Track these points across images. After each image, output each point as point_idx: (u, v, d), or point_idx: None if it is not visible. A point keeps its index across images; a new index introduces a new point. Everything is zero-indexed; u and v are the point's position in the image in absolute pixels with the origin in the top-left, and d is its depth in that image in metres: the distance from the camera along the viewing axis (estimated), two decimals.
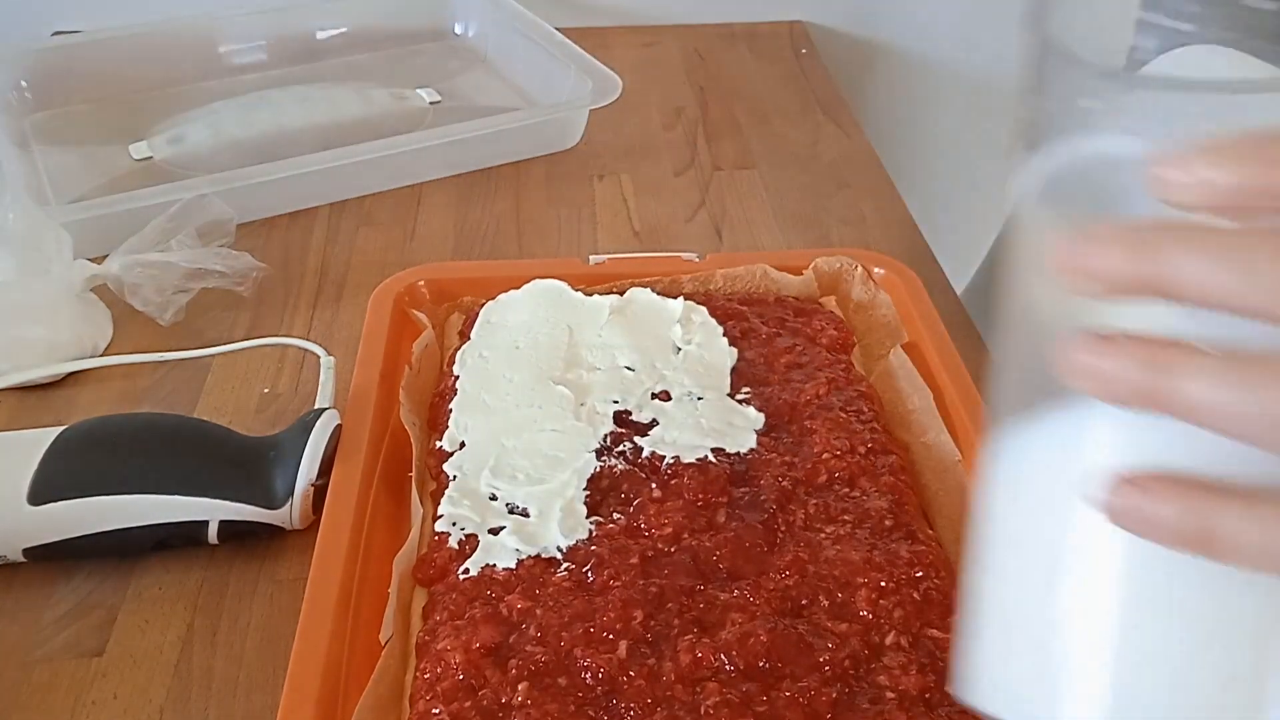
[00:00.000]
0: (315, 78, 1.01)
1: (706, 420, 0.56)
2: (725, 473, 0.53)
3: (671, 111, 1.01)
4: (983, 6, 1.25)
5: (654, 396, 0.58)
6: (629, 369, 0.59)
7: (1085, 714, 0.25)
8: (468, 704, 0.42)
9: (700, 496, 0.51)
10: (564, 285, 0.64)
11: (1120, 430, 0.25)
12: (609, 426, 0.56)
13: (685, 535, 0.50)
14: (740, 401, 0.58)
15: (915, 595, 0.47)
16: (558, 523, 0.50)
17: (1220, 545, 0.23)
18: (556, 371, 0.59)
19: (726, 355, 0.60)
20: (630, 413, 0.57)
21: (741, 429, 0.56)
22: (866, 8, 1.25)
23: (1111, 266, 0.24)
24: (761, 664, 0.44)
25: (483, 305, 0.64)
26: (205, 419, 0.59)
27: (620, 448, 0.55)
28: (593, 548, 0.49)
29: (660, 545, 0.49)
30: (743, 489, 0.53)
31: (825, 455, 0.54)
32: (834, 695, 0.42)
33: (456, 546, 0.49)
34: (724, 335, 0.62)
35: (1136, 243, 0.23)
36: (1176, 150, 0.23)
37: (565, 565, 0.48)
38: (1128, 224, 0.24)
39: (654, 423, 0.56)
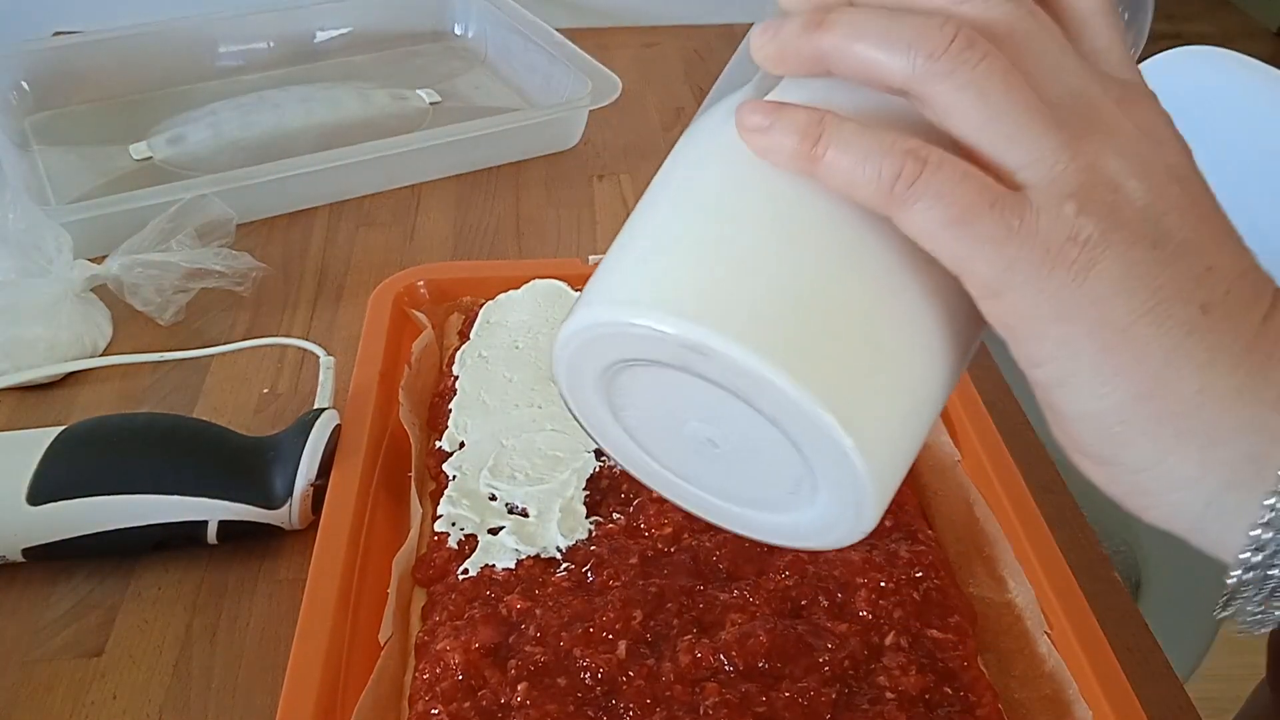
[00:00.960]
0: (315, 78, 1.01)
1: None
2: None
3: (671, 112, 1.01)
4: None
5: None
6: None
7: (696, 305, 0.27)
8: (467, 704, 0.42)
9: None
10: (564, 285, 0.64)
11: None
12: None
13: (685, 535, 0.50)
14: None
15: (915, 595, 0.47)
16: (557, 523, 0.50)
17: (821, 167, 0.27)
18: None
19: None
20: None
21: None
22: None
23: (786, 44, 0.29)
24: (761, 664, 0.44)
25: (482, 305, 0.64)
26: (205, 419, 0.59)
27: None
28: (592, 548, 0.49)
29: (660, 545, 0.49)
30: None
31: None
32: (833, 695, 0.42)
33: (456, 546, 0.49)
34: None
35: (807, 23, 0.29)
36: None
37: (565, 565, 0.48)
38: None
39: None
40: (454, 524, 0.51)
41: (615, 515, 0.51)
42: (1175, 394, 0.27)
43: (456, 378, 0.59)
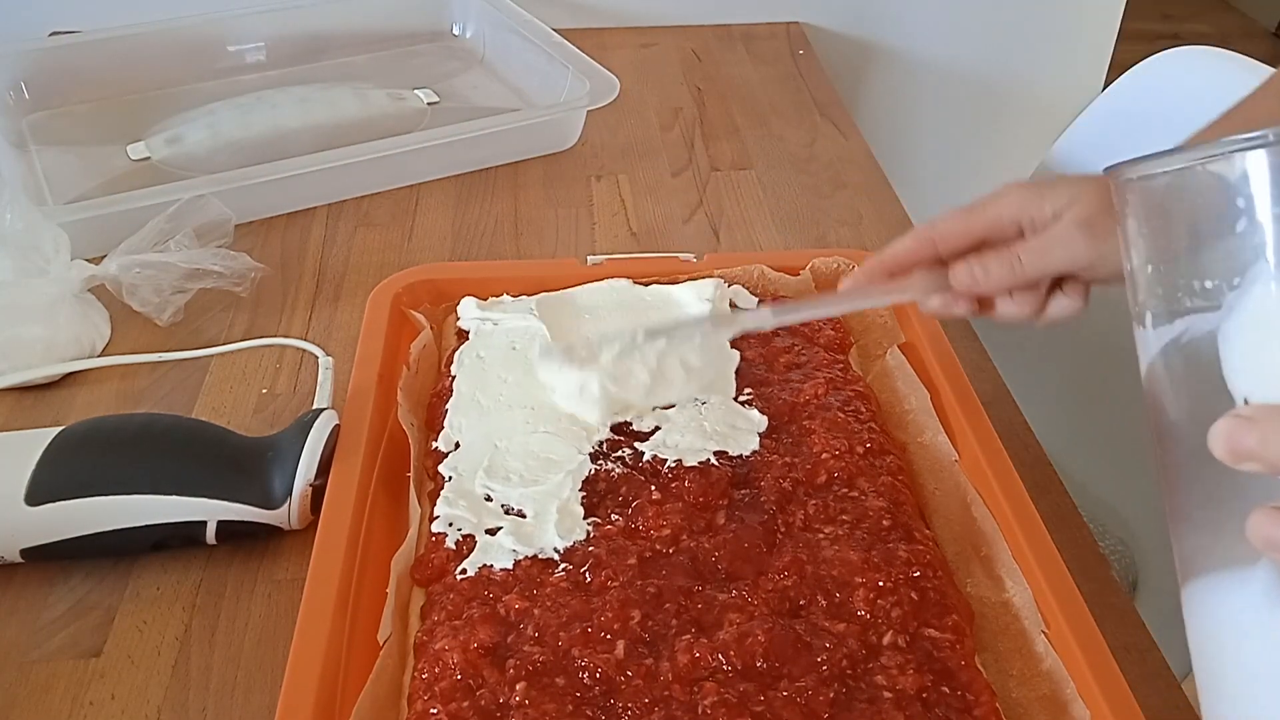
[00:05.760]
0: (313, 78, 1.01)
1: (710, 424, 0.56)
2: (727, 475, 0.53)
3: (669, 112, 1.01)
4: (980, 8, 1.26)
5: None
6: None
7: None
8: (465, 704, 0.42)
9: (700, 498, 0.51)
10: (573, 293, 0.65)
11: None
12: (605, 434, 0.55)
13: (684, 536, 0.50)
14: (743, 403, 0.58)
15: (912, 595, 0.47)
16: (554, 524, 0.50)
17: None
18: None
19: (731, 359, 0.60)
20: (631, 422, 0.57)
21: (744, 432, 0.56)
22: (864, 9, 1.25)
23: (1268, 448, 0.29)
24: (759, 664, 0.44)
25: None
26: (203, 419, 0.59)
27: (619, 453, 0.55)
28: (590, 549, 0.49)
29: (658, 547, 0.49)
30: (743, 490, 0.53)
31: (824, 455, 0.54)
32: (831, 695, 0.42)
33: (453, 547, 0.49)
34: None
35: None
36: None
37: (563, 566, 0.48)
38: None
39: (656, 428, 0.56)
40: (451, 524, 0.51)
41: (614, 516, 0.51)
42: None
43: (454, 378, 0.59)
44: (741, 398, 0.58)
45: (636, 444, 0.55)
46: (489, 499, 0.52)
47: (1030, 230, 0.50)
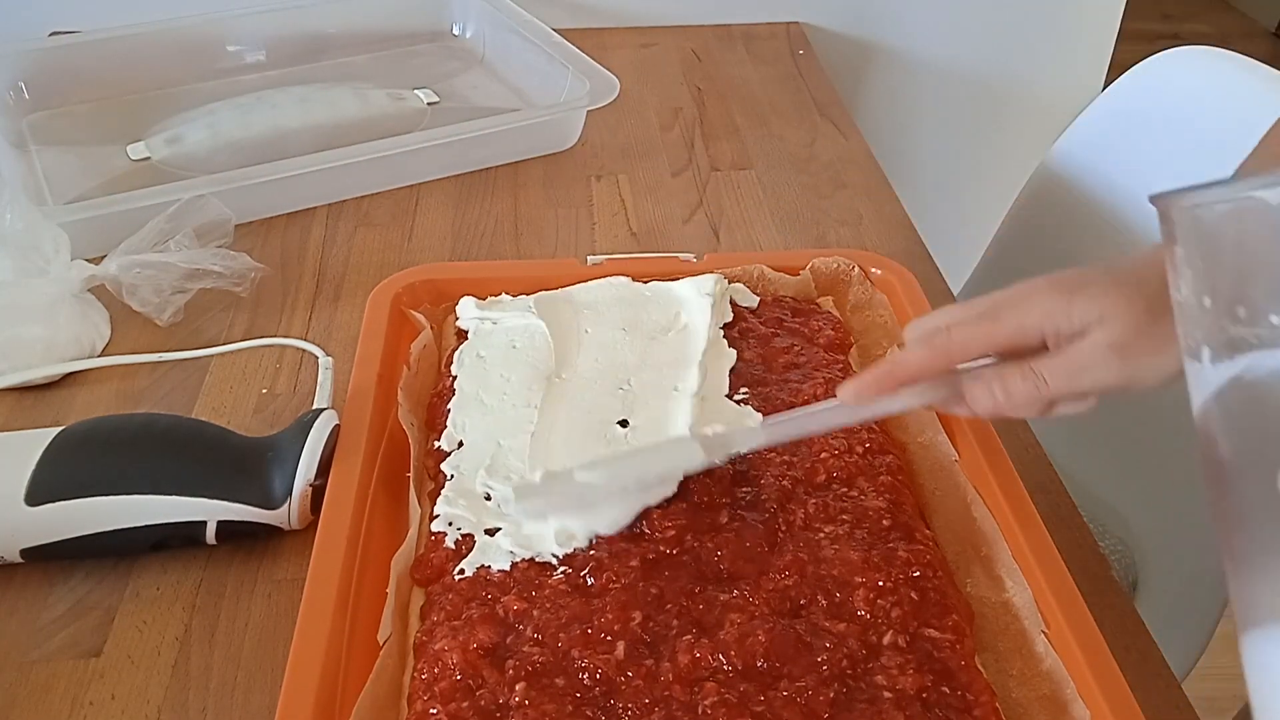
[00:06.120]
0: (313, 78, 1.01)
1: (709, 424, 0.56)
2: (729, 473, 0.53)
3: (669, 112, 1.01)
4: (980, 8, 1.26)
5: None
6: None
7: None
8: (465, 704, 0.42)
9: (705, 498, 0.51)
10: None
11: None
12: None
13: (689, 536, 0.50)
14: (738, 402, 0.58)
15: (913, 595, 0.47)
16: (553, 534, 0.50)
17: None
18: (553, 370, 0.59)
19: (726, 357, 0.60)
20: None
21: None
22: (864, 9, 1.25)
23: None
24: (759, 664, 0.44)
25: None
26: (203, 419, 0.59)
27: None
28: (590, 551, 0.49)
29: (662, 548, 0.49)
30: (744, 489, 0.53)
31: (824, 455, 0.54)
32: (831, 695, 0.42)
33: (453, 546, 0.49)
34: (723, 336, 0.62)
35: None
36: None
37: (562, 569, 0.48)
38: None
39: None
40: (450, 524, 0.51)
41: None
42: None
43: (455, 377, 0.59)
44: (738, 396, 0.58)
45: None
46: (488, 498, 0.52)
47: (1054, 342, 0.45)
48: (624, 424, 0.56)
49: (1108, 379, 0.44)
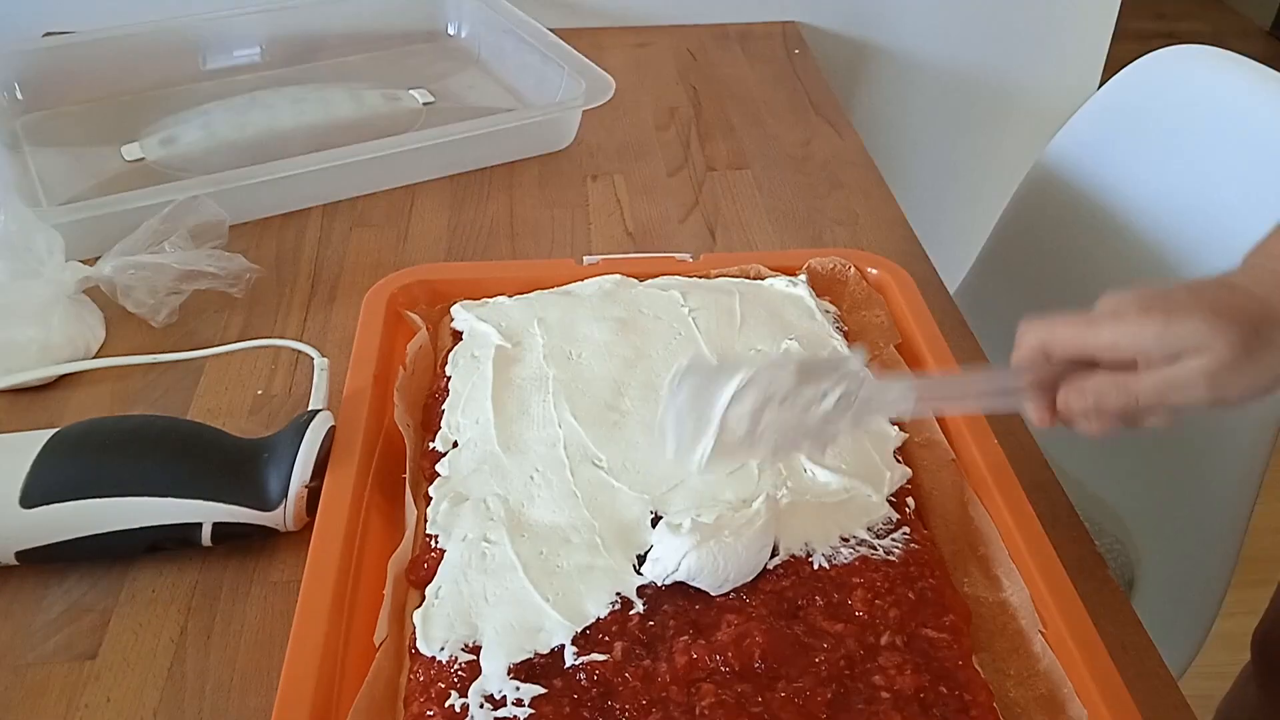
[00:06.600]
0: (308, 79, 1.01)
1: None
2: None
3: (665, 112, 1.01)
4: (975, 7, 1.26)
5: None
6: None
7: None
8: (461, 705, 0.42)
9: None
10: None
11: None
12: None
13: None
14: None
15: (910, 595, 0.47)
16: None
17: None
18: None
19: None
20: None
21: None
22: (859, 9, 1.25)
23: None
24: (757, 665, 0.44)
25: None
26: (198, 421, 0.59)
27: None
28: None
29: None
30: None
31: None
32: (829, 695, 0.42)
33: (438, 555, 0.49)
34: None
35: None
36: None
37: None
38: None
39: None
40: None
41: None
42: None
43: (449, 379, 0.59)
44: None
45: None
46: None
47: (1145, 362, 0.46)
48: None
49: (1196, 400, 0.46)
